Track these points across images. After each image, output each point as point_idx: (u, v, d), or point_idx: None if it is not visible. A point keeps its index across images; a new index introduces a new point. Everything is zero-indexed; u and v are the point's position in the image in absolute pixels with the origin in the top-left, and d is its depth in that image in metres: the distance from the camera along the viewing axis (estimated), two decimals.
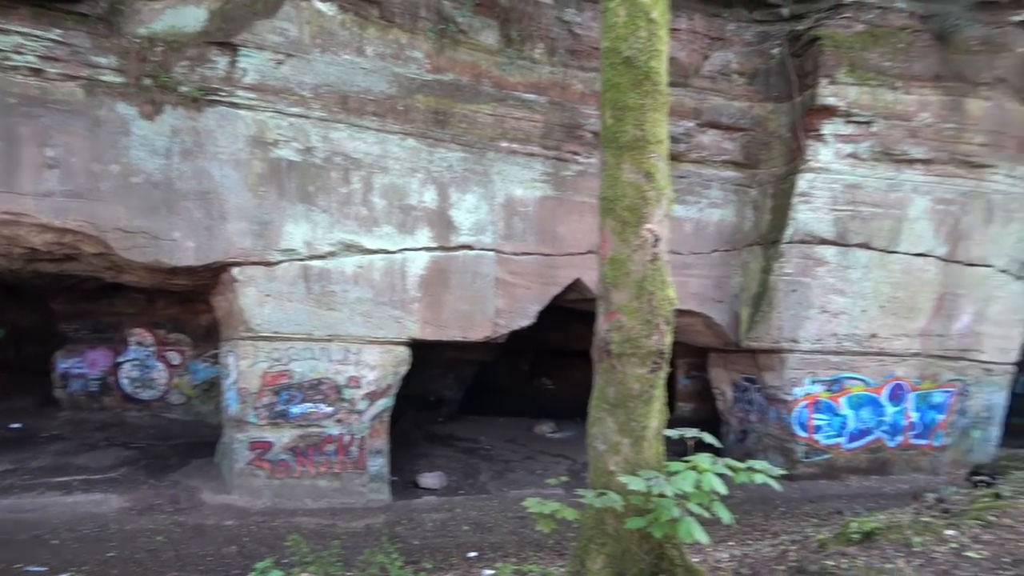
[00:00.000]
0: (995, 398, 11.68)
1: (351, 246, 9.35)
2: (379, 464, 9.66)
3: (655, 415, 4.33)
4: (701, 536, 3.62)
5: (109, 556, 7.42)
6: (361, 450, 9.48)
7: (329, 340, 9.26)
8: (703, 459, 3.81)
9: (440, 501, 9.62)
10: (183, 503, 8.97)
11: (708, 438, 4.26)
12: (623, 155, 4.33)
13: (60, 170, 8.33)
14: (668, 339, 4.38)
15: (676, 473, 3.80)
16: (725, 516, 3.70)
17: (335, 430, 9.38)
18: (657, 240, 4.31)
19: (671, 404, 5.38)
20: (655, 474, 3.90)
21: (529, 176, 10.25)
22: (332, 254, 9.28)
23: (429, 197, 9.74)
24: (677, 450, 4.37)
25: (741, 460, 4.04)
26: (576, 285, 10.47)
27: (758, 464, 3.79)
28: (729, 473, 3.79)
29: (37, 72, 8.16)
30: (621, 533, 4.10)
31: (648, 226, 4.28)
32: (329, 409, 9.28)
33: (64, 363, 12.44)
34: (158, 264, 8.85)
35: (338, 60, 9.19)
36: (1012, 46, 11.02)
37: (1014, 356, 11.70)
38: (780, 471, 3.89)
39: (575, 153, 10.46)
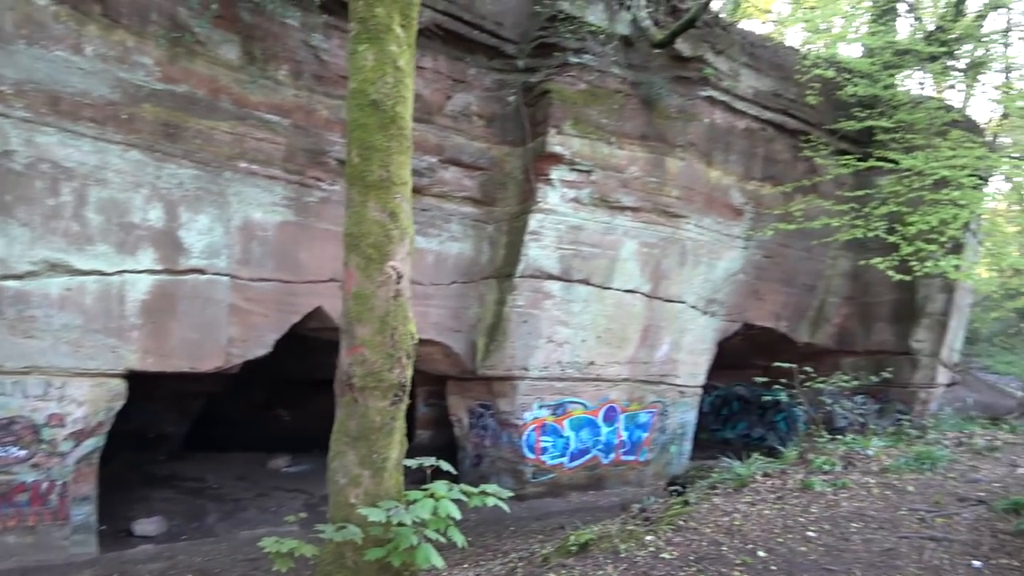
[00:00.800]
0: (688, 416, 13.40)
1: (57, 265, 8.17)
2: (85, 512, 8.43)
3: (395, 446, 4.39)
4: (437, 561, 3.72)
5: None
6: (63, 498, 8.18)
7: (26, 372, 7.94)
8: (439, 487, 3.93)
9: (159, 549, 8.63)
10: None
11: (445, 465, 4.40)
12: (369, 194, 4.42)
13: None
14: (409, 372, 4.48)
15: (415, 502, 3.87)
16: (459, 540, 3.86)
17: (30, 476, 8.02)
18: (400, 277, 4.41)
19: (410, 432, 5.44)
20: (395, 504, 3.95)
21: (269, 200, 9.77)
22: (33, 274, 8.03)
23: (155, 215, 8.86)
24: (416, 478, 4.42)
25: (476, 484, 4.21)
26: (317, 313, 10.13)
27: (490, 488, 3.99)
28: (464, 498, 3.95)
29: None
30: (360, 566, 4.06)
31: (392, 263, 4.38)
32: (23, 453, 7.94)
33: None
34: None
35: (49, 56, 8.08)
36: (700, 116, 12.86)
37: (702, 380, 13.54)
38: (509, 492, 4.13)
39: (319, 179, 10.19)
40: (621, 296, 12.20)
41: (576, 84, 11.71)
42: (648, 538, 5.00)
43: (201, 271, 9.16)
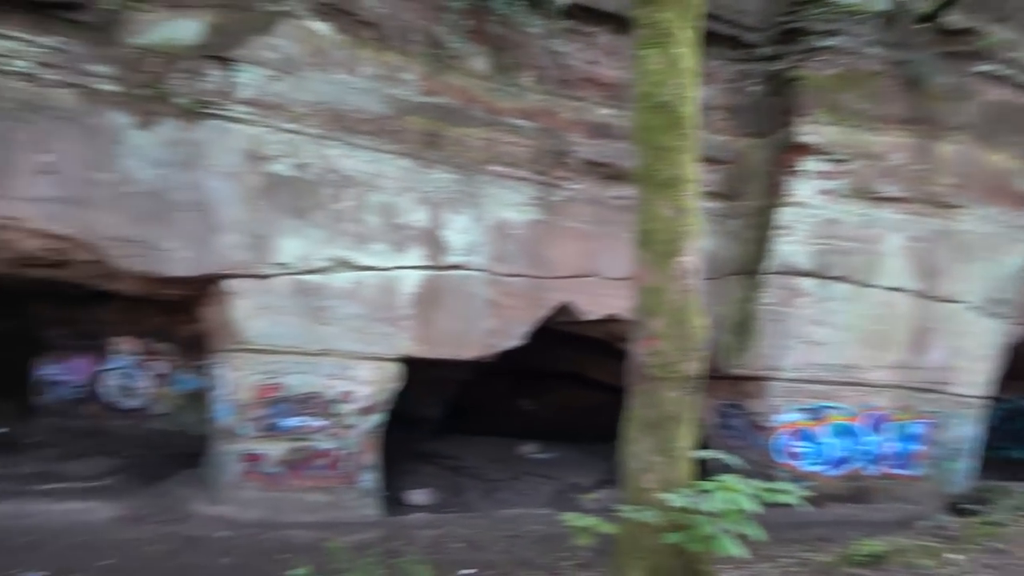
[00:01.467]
0: (967, 430, 11.83)
1: (344, 262, 9.26)
2: (370, 480, 9.51)
3: (687, 435, 4.51)
4: (737, 551, 3.73)
5: (105, 564, 7.25)
6: (352, 465, 9.32)
7: (322, 355, 9.12)
8: (732, 480, 3.90)
9: (431, 518, 9.46)
10: (174, 513, 8.77)
11: (729, 459, 4.38)
12: (659, 192, 4.65)
13: (55, 176, 8.17)
14: (700, 364, 4.54)
15: (708, 492, 3.88)
16: (756, 534, 3.81)
17: (326, 444, 9.21)
18: (691, 272, 4.52)
19: None
20: (690, 492, 4.00)
21: (519, 200, 10.27)
22: (326, 269, 9.18)
23: (421, 217, 9.70)
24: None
25: None
26: (563, 308, 10.47)
27: (782, 485, 3.84)
28: (758, 494, 3.87)
29: (31, 77, 8.01)
30: (656, 548, 4.15)
31: (683, 258, 4.48)
32: (321, 423, 9.13)
33: (45, 370, 12.10)
34: (151, 274, 8.70)
35: (332, 79, 9.17)
36: (976, 94, 11.37)
37: (985, 390, 11.89)
38: (804, 492, 3.95)
39: (562, 179, 10.52)
40: (885, 295, 11.13)
41: (827, 69, 10.91)
42: (950, 556, 4.55)
43: (461, 267, 9.86)
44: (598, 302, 10.54)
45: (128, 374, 12.18)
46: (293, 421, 9.08)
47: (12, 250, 8.47)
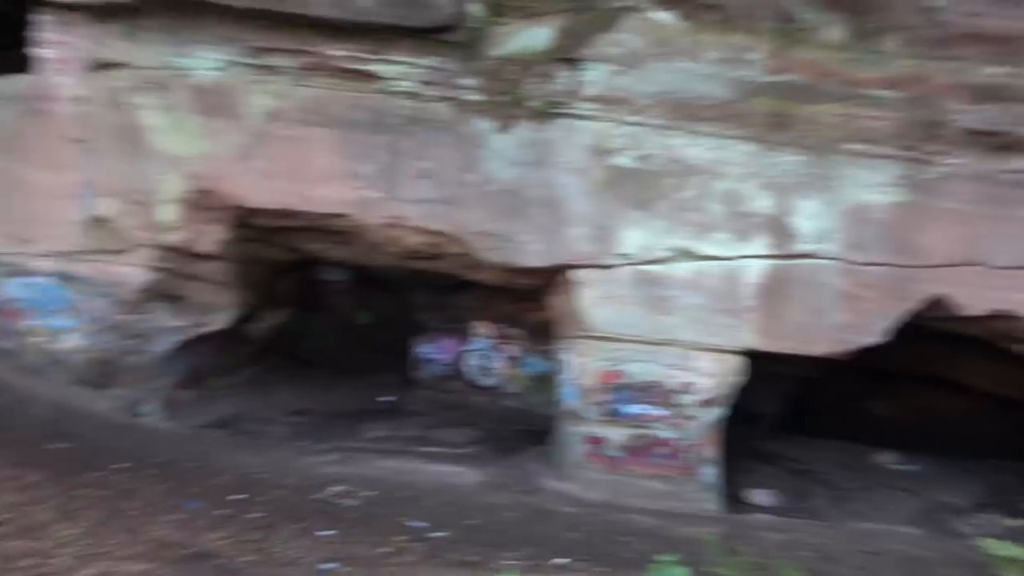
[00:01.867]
0: None
1: (686, 252, 9.13)
2: (710, 474, 9.33)
3: None
4: None
5: (471, 523, 8.13)
6: (692, 457, 9.23)
7: (663, 344, 9.14)
8: None
9: (775, 520, 8.99)
10: (526, 485, 9.51)
11: None
12: None
13: (432, 180, 9.30)
14: None
15: None
16: None
17: (667, 434, 9.24)
18: None
19: None
20: None
21: (879, 180, 9.13)
22: (667, 259, 9.16)
23: (766, 203, 9.15)
24: None
25: None
26: (937, 302, 9.10)
27: None
28: None
29: (414, 95, 9.17)
30: None
31: None
32: (661, 412, 9.18)
33: (421, 348, 13.98)
34: (508, 264, 9.48)
35: (674, 68, 9.03)
36: None
37: None
38: None
39: (937, 153, 9.10)
40: None
41: None
42: None
43: (811, 256, 9.12)
44: (981, 295, 8.98)
45: (486, 356, 13.55)
46: (634, 408, 9.24)
47: (399, 245, 9.88)
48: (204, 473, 9.39)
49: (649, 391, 9.17)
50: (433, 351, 13.93)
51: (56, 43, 9.48)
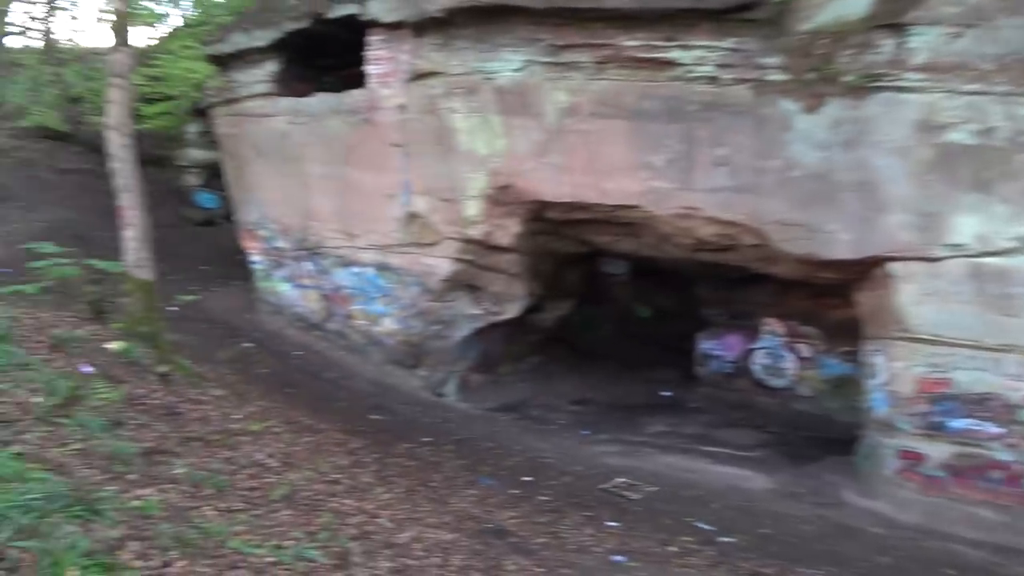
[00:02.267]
0: None
1: None
2: None
3: None
4: None
5: (763, 532, 7.64)
6: None
7: (1004, 351, 7.75)
8: None
9: None
10: (824, 497, 8.73)
11: None
12: None
13: (728, 167, 8.84)
14: None
15: None
16: None
17: (1004, 455, 7.84)
18: None
19: None
20: None
21: None
22: (1011, 251, 7.73)
23: None
24: None
25: None
26: None
27: None
28: None
29: (712, 79, 8.75)
30: None
31: None
32: (998, 430, 7.81)
33: (705, 344, 13.50)
34: (811, 256, 8.72)
35: None
36: None
37: None
38: None
39: None
40: None
41: None
42: None
43: None
44: None
45: (775, 354, 12.68)
46: (962, 423, 7.99)
47: (690, 237, 9.58)
48: (496, 453, 9.98)
49: (983, 404, 7.84)
50: (717, 347, 13.37)
51: (382, 59, 10.64)
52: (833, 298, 10.87)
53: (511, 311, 11.69)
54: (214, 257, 17.01)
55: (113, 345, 6.79)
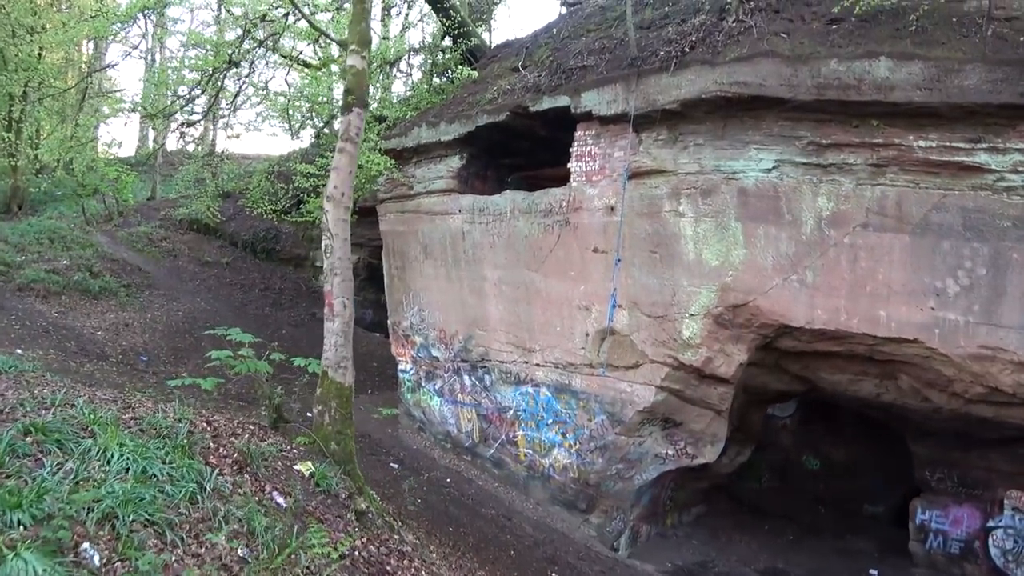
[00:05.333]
0: None
1: None
2: None
3: None
4: None
5: None
6: None
7: None
8: None
9: None
10: None
11: None
12: None
13: None
14: None
15: None
16: None
17: None
18: None
19: None
20: None
21: None
22: None
23: None
24: None
25: None
26: None
27: None
28: None
29: None
30: None
31: None
32: None
33: (923, 514, 10.70)
34: None
35: None
36: None
37: None
38: None
39: None
40: None
41: None
42: None
43: None
44: None
45: (1020, 536, 9.83)
46: None
47: (983, 384, 7.27)
48: None
49: None
50: (941, 520, 10.54)
51: (591, 155, 9.14)
52: None
53: (708, 455, 9.37)
54: None
55: (304, 467, 4.90)
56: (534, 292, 9.80)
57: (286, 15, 10.89)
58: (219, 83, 12.47)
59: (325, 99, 15.23)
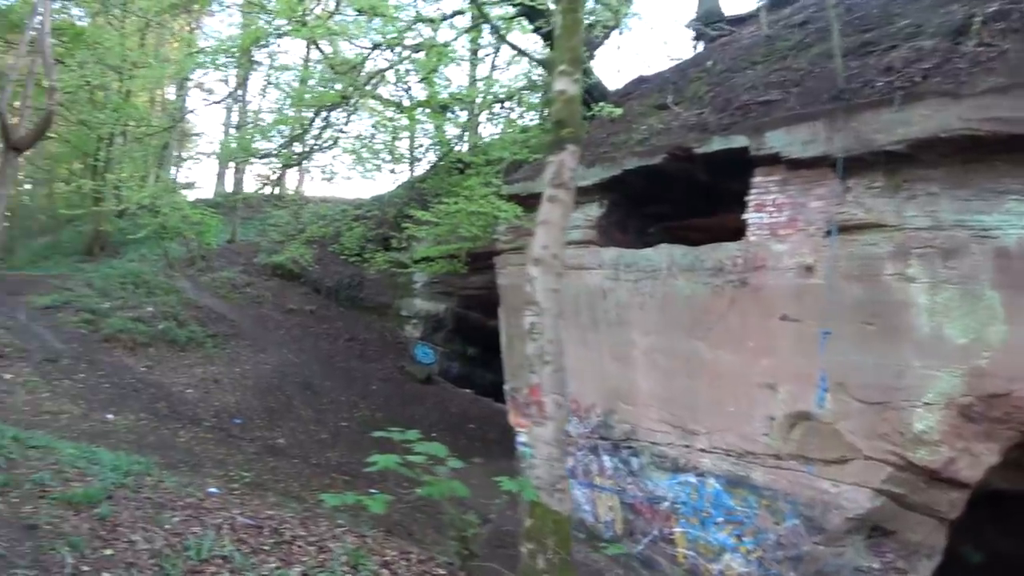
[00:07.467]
0: None
1: None
2: None
3: None
4: None
5: None
6: None
7: None
8: None
9: None
10: None
11: None
12: None
13: None
14: None
15: None
16: None
17: None
18: None
19: None
20: None
21: None
22: None
23: None
24: None
25: None
26: None
27: None
28: None
29: None
30: None
31: None
32: None
33: None
34: None
35: None
36: None
37: None
38: None
39: None
40: None
41: None
42: None
43: None
44: None
45: None
46: None
47: None
48: None
49: None
50: None
51: (774, 206, 7.59)
52: None
53: (922, 570, 7.50)
54: (444, 423, 13.94)
55: None
56: (697, 364, 8.20)
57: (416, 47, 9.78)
58: (325, 121, 11.43)
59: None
